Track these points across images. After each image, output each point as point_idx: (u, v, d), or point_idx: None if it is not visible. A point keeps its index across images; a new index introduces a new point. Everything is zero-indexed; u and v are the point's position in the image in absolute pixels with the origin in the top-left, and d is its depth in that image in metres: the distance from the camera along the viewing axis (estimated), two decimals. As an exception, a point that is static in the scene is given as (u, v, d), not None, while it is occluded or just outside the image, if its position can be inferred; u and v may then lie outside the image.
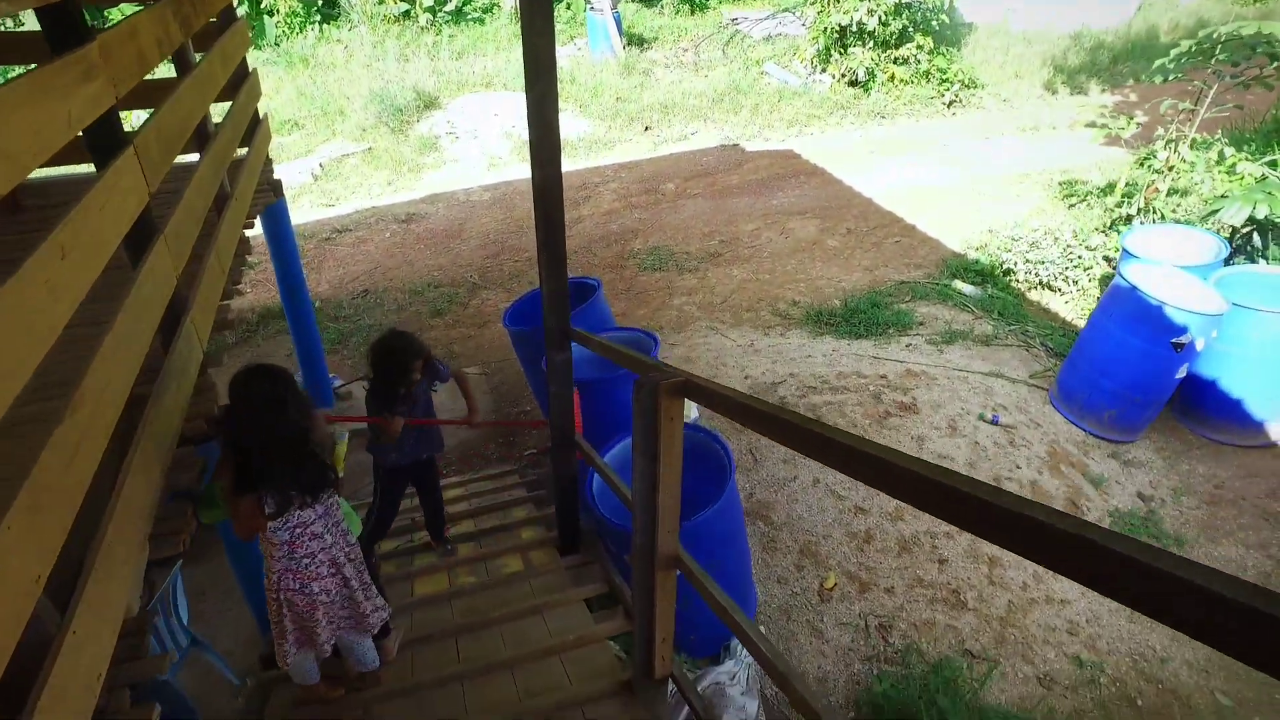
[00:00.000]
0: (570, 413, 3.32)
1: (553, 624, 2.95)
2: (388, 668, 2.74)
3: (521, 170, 11.13)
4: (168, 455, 2.17)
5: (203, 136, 3.16)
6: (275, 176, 4.80)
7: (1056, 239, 7.09)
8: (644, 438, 1.86)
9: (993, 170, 9.83)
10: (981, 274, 7.32)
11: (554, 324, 3.07)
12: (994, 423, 4.94)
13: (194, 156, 3.20)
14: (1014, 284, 7.15)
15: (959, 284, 7.16)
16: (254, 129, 4.17)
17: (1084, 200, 8.34)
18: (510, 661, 2.66)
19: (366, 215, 10.09)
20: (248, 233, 4.27)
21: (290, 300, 5.28)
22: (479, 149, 11.45)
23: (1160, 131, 6.71)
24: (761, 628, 3.76)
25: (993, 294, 7.00)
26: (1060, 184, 8.91)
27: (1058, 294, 6.94)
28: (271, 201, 4.44)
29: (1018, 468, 4.70)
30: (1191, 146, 6.32)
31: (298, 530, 2.25)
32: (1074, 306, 6.72)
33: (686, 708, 2.54)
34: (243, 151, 4.03)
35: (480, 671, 2.62)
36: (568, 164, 10.98)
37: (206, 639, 3.73)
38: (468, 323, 7.34)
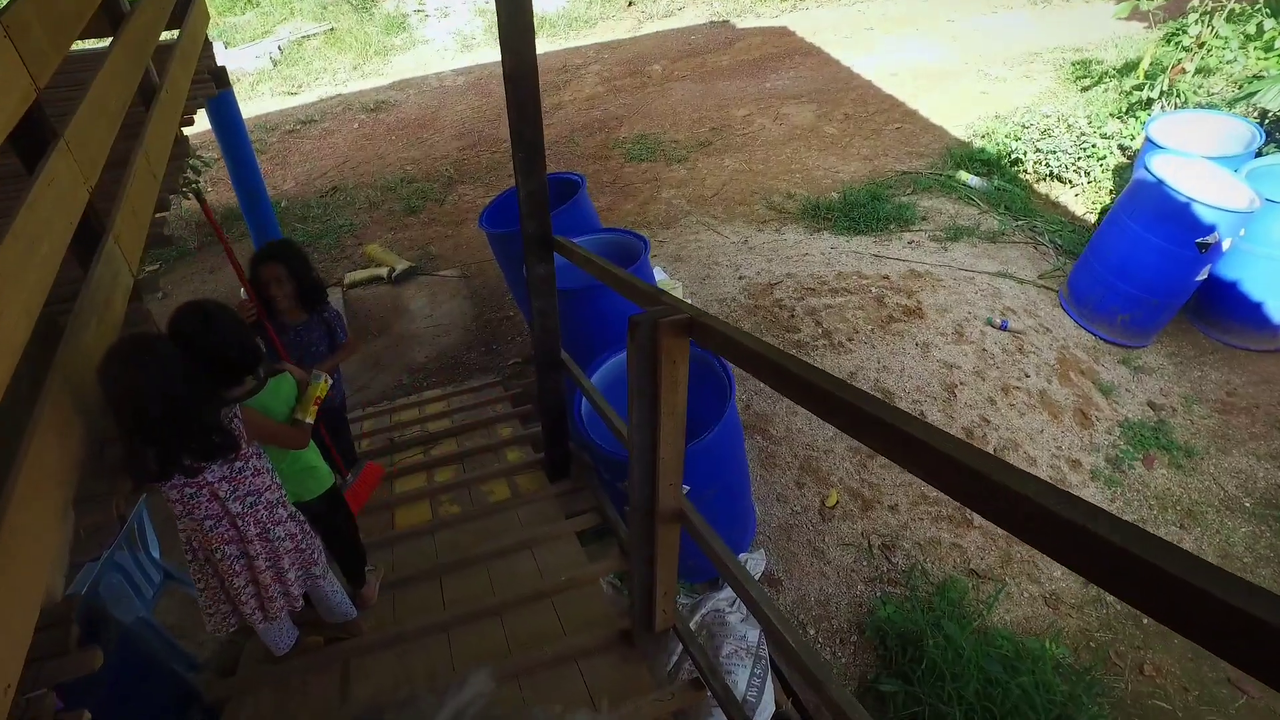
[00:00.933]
0: (555, 330, 3.02)
1: (544, 561, 2.76)
2: (368, 614, 2.55)
3: (497, 52, 10.33)
4: (89, 403, 1.88)
5: (115, 16, 2.69)
6: (219, 64, 4.28)
7: (1069, 126, 6.65)
8: (641, 382, 1.58)
9: (1000, 48, 9.20)
10: (987, 164, 6.91)
11: (533, 231, 2.73)
12: (1003, 328, 4.70)
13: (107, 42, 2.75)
14: (1021, 175, 6.76)
15: (963, 175, 6.77)
16: (186, 7, 3.65)
17: (1099, 82, 7.82)
18: (499, 607, 2.47)
19: (333, 104, 9.41)
20: (191, 131, 3.83)
21: (248, 203, 4.85)
22: (450, 28, 10.60)
23: (1194, 2, 6.15)
24: (761, 550, 3.62)
25: (999, 186, 6.62)
26: (1073, 64, 8.35)
27: (1067, 186, 6.57)
28: (214, 93, 3.95)
29: (1026, 376, 4.49)
30: (1228, 19, 5.81)
31: (190, 490, 1.93)
32: (1085, 200, 6.37)
33: (681, 648, 2.37)
34: (173, 35, 3.53)
35: (467, 619, 2.44)
36: (546, 44, 10.21)
37: (181, 570, 3.55)
38: (444, 220, 6.91)
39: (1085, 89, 7.87)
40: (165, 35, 3.61)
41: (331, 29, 10.53)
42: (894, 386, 4.39)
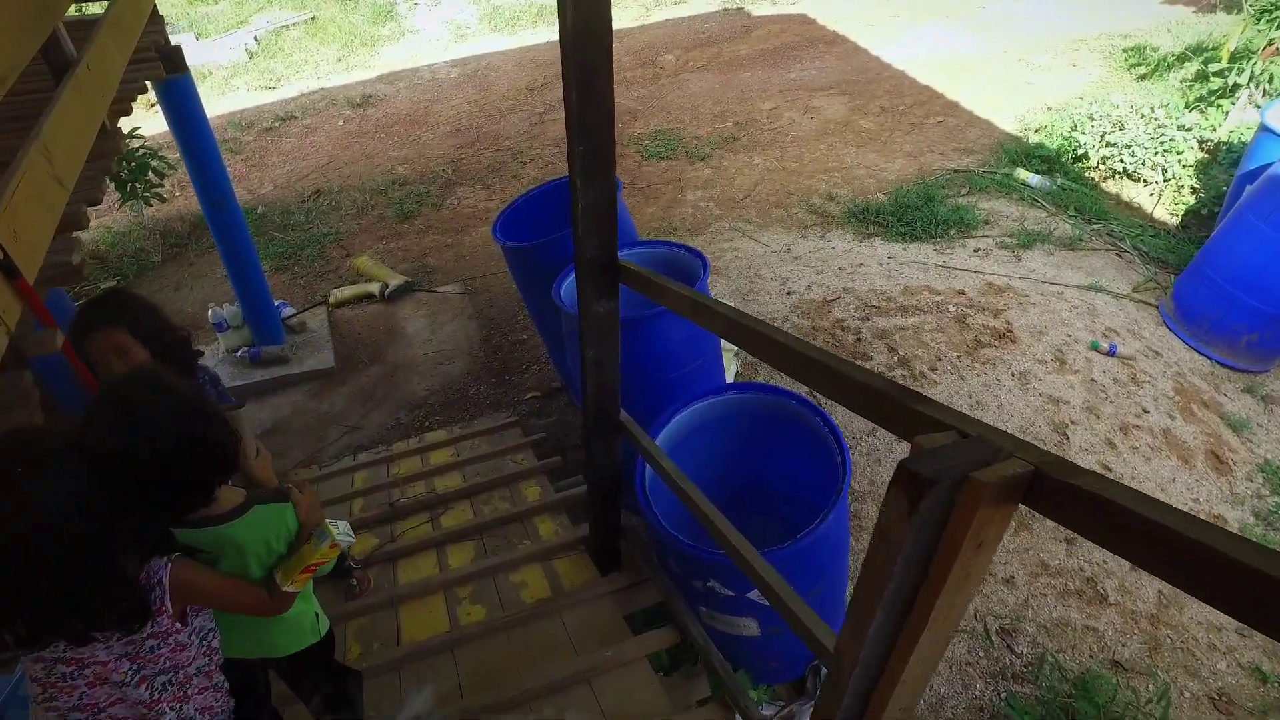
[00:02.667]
0: (614, 386, 2.28)
1: (611, 703, 2.01)
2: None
3: (494, 41, 9.60)
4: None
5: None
6: (172, 43, 3.50)
7: (1145, 117, 5.95)
8: (908, 567, 0.84)
9: (1038, 35, 8.52)
10: (1047, 160, 6.21)
11: (594, 254, 1.99)
12: (1111, 353, 3.99)
13: None
14: (1087, 173, 6.08)
15: (1022, 173, 6.07)
16: (124, -35, 2.87)
17: (1157, 70, 7.15)
18: (558, 794, 1.73)
19: (315, 99, 8.62)
20: (156, 129, 3.05)
21: (214, 211, 4.07)
22: (442, 17, 9.82)
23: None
24: (861, 645, 2.88)
25: (1063, 185, 5.93)
26: (1125, 51, 7.67)
27: (1140, 185, 5.89)
28: (160, 76, 3.17)
29: (1145, 412, 3.78)
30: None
31: (63, 668, 1.27)
32: (1165, 201, 5.68)
33: None
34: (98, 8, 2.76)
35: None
36: (546, 32, 9.47)
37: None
38: (442, 228, 6.14)
39: (1142, 77, 7.20)
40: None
41: (313, 18, 9.73)
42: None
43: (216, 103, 8.42)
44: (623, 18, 9.68)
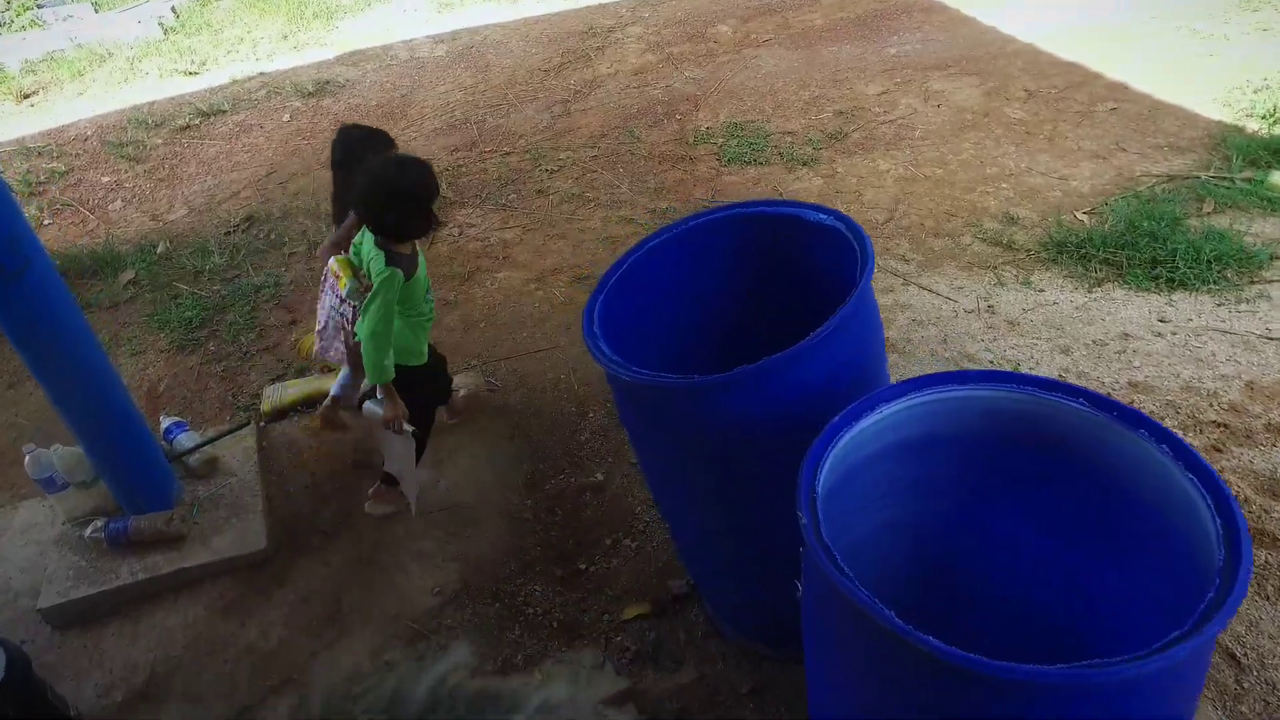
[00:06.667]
0: None
1: None
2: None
3: (489, 11, 7.58)
4: None
5: None
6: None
7: None
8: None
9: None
10: (1306, 159, 4.35)
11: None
12: None
13: None
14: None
15: (1279, 177, 4.20)
16: None
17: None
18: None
19: (252, 87, 6.59)
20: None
21: None
22: (418, -18, 7.79)
23: None
24: None
25: (1345, 196, 4.07)
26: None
27: None
28: None
29: None
30: None
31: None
32: None
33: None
34: None
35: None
36: (559, 0, 7.48)
37: None
38: (437, 273, 4.09)
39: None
40: None
41: (252, -15, 7.63)
42: None
43: (116, 93, 6.32)
44: (653, -19, 7.69)
